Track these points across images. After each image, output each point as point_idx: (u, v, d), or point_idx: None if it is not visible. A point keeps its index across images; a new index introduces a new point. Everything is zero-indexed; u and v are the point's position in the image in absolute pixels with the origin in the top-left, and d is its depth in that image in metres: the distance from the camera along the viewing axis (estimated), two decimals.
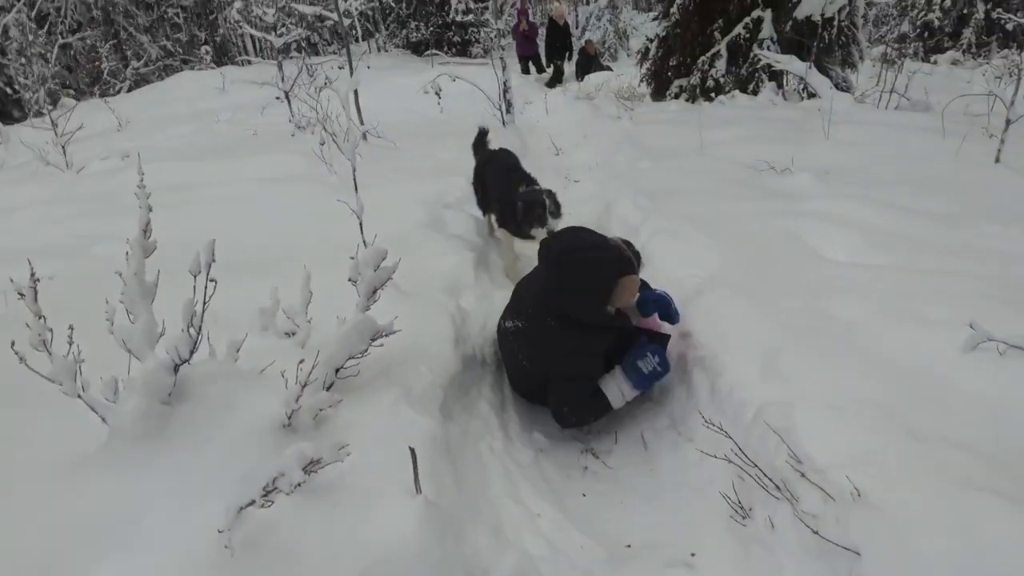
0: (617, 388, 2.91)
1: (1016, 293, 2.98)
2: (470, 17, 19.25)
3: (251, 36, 19.02)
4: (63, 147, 7.45)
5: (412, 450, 1.94)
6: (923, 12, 18.22)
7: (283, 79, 8.04)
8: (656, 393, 2.99)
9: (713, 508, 2.24)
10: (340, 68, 7.67)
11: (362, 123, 7.09)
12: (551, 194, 4.20)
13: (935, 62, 15.35)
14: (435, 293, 3.25)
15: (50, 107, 12.90)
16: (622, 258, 2.89)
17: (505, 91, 8.19)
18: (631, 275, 2.90)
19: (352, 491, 1.95)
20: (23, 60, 17.77)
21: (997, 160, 5.37)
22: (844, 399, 2.29)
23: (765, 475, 2.11)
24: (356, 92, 7.13)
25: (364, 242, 3.06)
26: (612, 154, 6.79)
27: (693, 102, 10.34)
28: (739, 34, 10.24)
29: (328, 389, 2.31)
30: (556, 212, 4.13)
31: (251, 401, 2.11)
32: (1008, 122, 5.33)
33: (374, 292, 2.52)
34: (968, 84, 12.14)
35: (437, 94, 7.87)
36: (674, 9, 10.87)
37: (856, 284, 3.17)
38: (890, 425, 2.13)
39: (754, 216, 4.19)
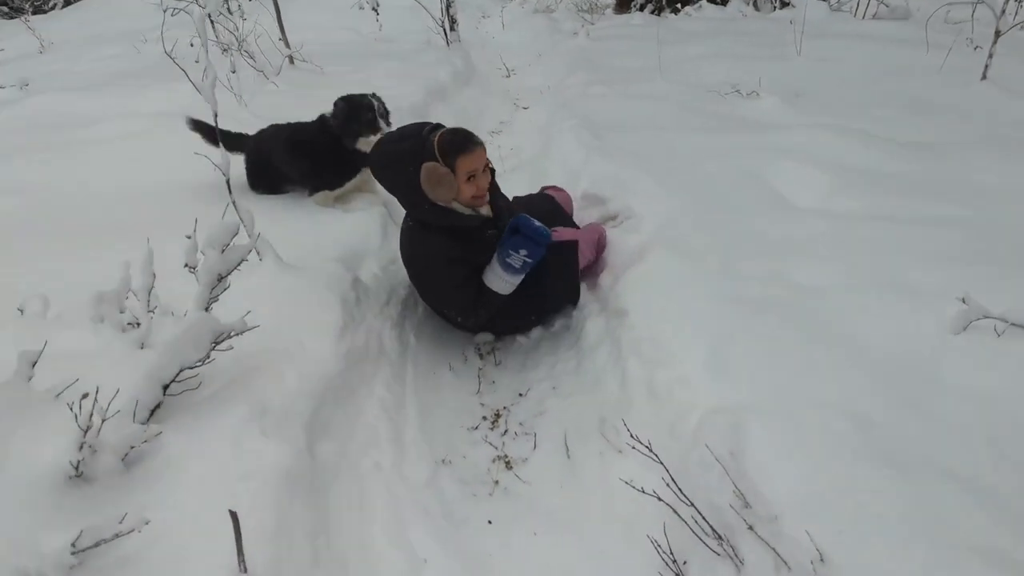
0: (501, 280, 2.73)
1: (1012, 247, 2.51)
2: None
3: None
4: None
5: (234, 515, 1.46)
6: None
7: None
8: (589, 380, 2.51)
9: (642, 552, 1.78)
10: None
11: (287, 45, 6.36)
12: (376, 96, 3.43)
13: None
14: (326, 264, 2.69)
15: None
16: (421, 146, 2.63)
17: (448, 6, 7.43)
18: (428, 162, 2.60)
19: (159, 567, 1.48)
20: None
21: (984, 77, 4.85)
22: (807, 405, 1.83)
23: (703, 518, 1.65)
24: (278, 8, 6.37)
25: (234, 205, 2.51)
26: (564, 76, 6.16)
27: (659, 14, 9.63)
28: None
29: (153, 413, 1.81)
30: (386, 115, 3.42)
31: (32, 443, 1.61)
32: (997, 33, 4.77)
33: (220, 280, 2.00)
34: None
35: (374, 9, 7.11)
36: None
37: (825, 239, 2.70)
38: (863, 445, 1.67)
39: (712, 153, 3.66)
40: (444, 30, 7.45)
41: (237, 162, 3.46)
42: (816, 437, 1.72)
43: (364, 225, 3.18)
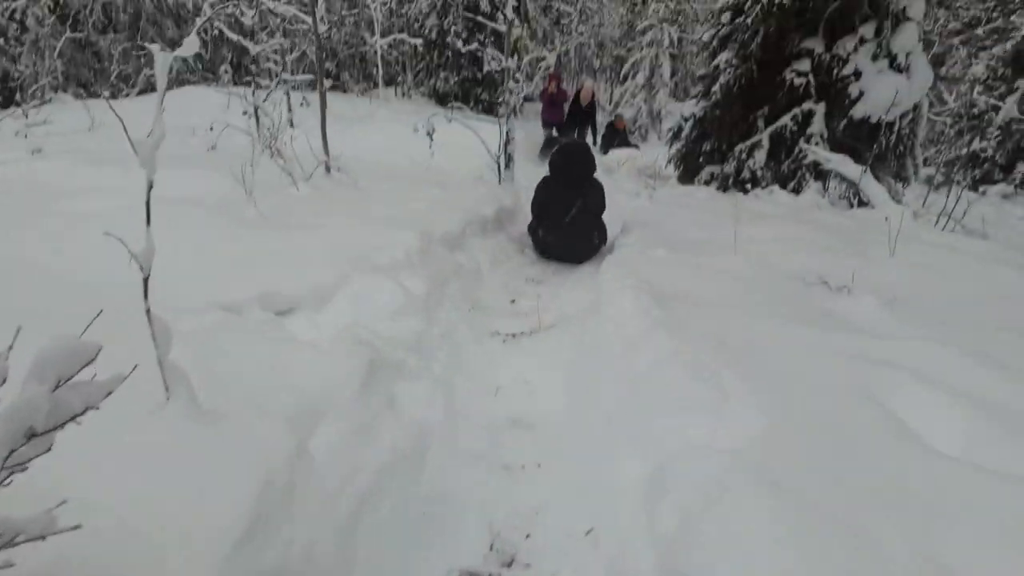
0: None
1: None
2: (494, 65, 17.89)
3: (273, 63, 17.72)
4: None
5: None
6: (975, 138, 17.03)
7: (253, 94, 6.91)
8: None
9: None
10: (301, 105, 6.61)
11: (326, 153, 5.82)
12: None
13: (983, 192, 14.23)
14: (263, 420, 1.85)
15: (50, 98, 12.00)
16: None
17: (507, 143, 6.94)
18: None
19: None
20: (36, 50, 16.98)
21: None
22: None
23: None
24: (323, 116, 5.89)
25: (149, 316, 1.72)
26: (620, 234, 5.50)
27: (725, 192, 9.12)
28: (786, 125, 9.04)
29: None
30: None
31: None
32: None
33: (29, 440, 1.16)
34: (1022, 220, 10.99)
35: (429, 134, 6.58)
36: (716, 88, 9.72)
37: (980, 505, 1.81)
38: None
39: (807, 350, 2.83)
40: (499, 166, 6.93)
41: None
42: None
43: (339, 368, 2.32)
